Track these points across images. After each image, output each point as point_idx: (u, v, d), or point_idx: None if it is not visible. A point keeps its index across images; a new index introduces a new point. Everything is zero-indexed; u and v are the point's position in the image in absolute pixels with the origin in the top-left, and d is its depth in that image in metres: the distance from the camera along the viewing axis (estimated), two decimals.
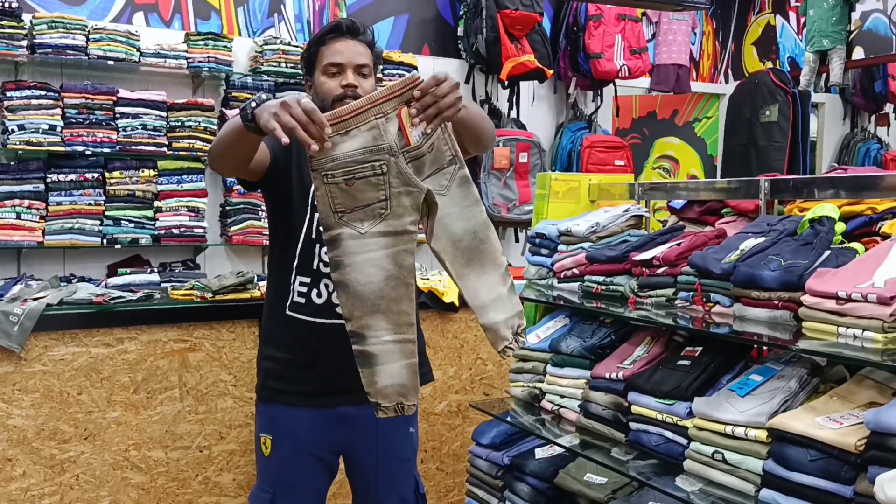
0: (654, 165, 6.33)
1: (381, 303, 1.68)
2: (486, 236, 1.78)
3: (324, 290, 2.04)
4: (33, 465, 2.66)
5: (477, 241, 1.76)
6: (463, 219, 1.75)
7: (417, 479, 2.27)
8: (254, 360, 2.98)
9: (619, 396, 2.19)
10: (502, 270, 1.80)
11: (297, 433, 2.08)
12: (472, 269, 1.76)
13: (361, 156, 1.64)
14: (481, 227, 1.77)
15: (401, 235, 1.68)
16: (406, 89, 1.64)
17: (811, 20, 5.79)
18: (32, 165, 4.09)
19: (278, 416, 2.11)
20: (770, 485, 1.72)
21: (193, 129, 4.35)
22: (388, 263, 1.67)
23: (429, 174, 1.70)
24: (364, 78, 2.03)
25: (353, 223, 1.67)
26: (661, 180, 6.05)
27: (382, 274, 1.67)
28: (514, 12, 5.06)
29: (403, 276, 1.69)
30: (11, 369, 2.63)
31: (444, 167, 1.73)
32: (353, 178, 1.63)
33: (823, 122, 7.23)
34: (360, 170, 1.64)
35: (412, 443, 2.23)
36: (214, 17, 4.76)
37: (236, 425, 2.96)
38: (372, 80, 2.06)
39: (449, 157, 1.72)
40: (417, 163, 1.68)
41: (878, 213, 2.09)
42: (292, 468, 2.12)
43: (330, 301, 2.03)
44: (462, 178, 1.75)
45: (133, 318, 2.81)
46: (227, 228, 4.55)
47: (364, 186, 1.65)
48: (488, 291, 1.77)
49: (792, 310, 1.86)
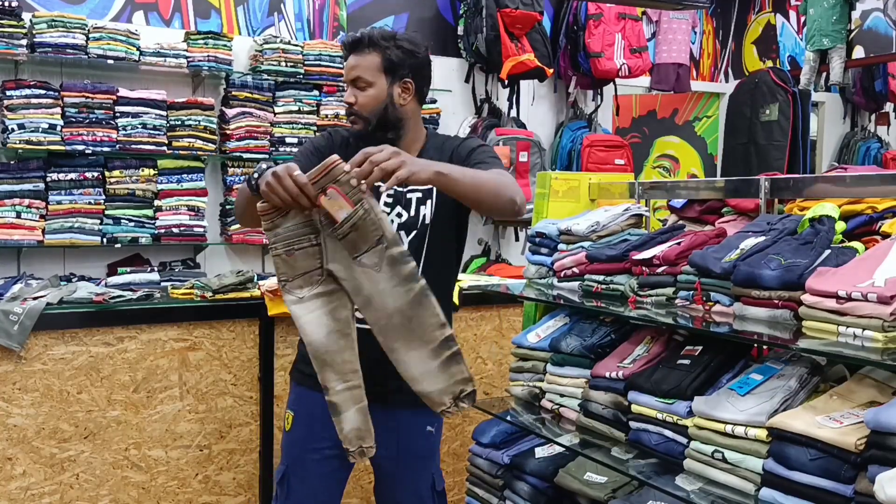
0: (655, 164, 6.33)
1: (327, 356, 1.86)
2: (416, 314, 1.87)
3: None
4: (33, 464, 2.66)
5: (405, 320, 1.86)
6: (392, 296, 1.86)
7: (435, 477, 2.30)
8: (254, 359, 2.98)
9: (619, 395, 2.19)
10: (434, 346, 1.88)
11: (314, 416, 2.15)
12: (400, 344, 1.88)
13: (298, 230, 1.83)
14: (410, 305, 1.86)
15: (334, 293, 1.86)
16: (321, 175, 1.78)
17: (811, 19, 5.78)
18: (32, 164, 4.09)
19: (301, 397, 2.24)
20: (770, 484, 1.72)
21: (193, 128, 4.35)
22: (328, 320, 1.86)
23: (364, 250, 1.84)
24: (361, 91, 2.13)
25: (293, 290, 1.86)
26: (661, 179, 6.05)
27: (324, 330, 1.86)
28: (514, 11, 5.05)
29: (342, 328, 1.87)
30: (11, 368, 2.63)
31: (374, 246, 1.84)
32: (292, 249, 1.84)
33: (823, 121, 7.23)
34: (298, 242, 1.84)
35: (431, 442, 2.27)
36: (214, 15, 4.76)
37: (236, 424, 2.96)
38: (372, 90, 2.12)
39: (376, 237, 1.84)
40: (347, 240, 1.83)
41: (879, 213, 2.09)
42: (306, 447, 2.21)
43: None
44: (391, 258, 1.85)
45: (133, 318, 2.81)
46: (226, 228, 4.55)
47: (302, 256, 1.84)
48: (417, 366, 1.88)
49: (792, 309, 1.85)
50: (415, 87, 2.17)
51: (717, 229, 2.38)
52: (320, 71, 4.69)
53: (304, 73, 4.65)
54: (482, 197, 1.99)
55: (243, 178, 4.52)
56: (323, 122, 4.68)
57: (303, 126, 4.64)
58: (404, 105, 2.15)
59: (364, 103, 2.12)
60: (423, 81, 2.20)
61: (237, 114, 4.46)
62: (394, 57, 2.12)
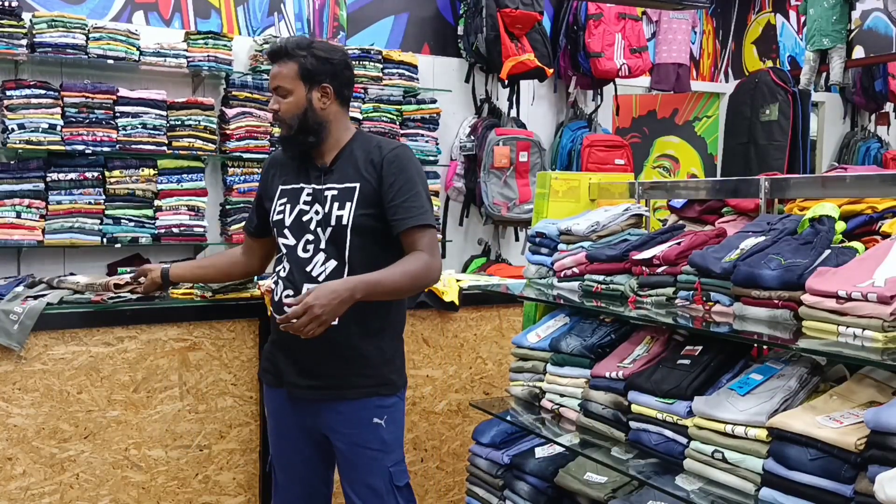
0: (655, 164, 6.33)
1: None
2: None
3: (279, 288, 2.34)
4: (33, 464, 2.66)
5: None
6: None
7: (393, 472, 2.32)
8: (254, 359, 2.98)
9: (619, 395, 2.19)
10: None
11: (273, 410, 2.46)
12: None
13: None
14: None
15: None
16: None
17: (811, 19, 5.78)
18: (32, 164, 4.09)
19: (266, 395, 2.52)
20: (770, 484, 1.72)
21: (193, 128, 4.35)
22: None
23: None
24: (283, 98, 2.30)
25: None
26: (661, 179, 6.05)
27: None
28: (514, 11, 5.05)
29: None
30: (11, 368, 2.63)
31: None
32: None
33: (823, 121, 7.22)
34: None
35: (380, 434, 2.31)
36: (214, 15, 4.75)
37: (236, 424, 2.96)
38: (291, 97, 2.29)
39: None
40: None
41: (879, 213, 2.09)
42: (278, 440, 2.46)
43: (280, 300, 2.32)
44: None
45: (133, 318, 2.81)
46: (226, 227, 4.55)
47: None
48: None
49: (792, 309, 1.86)
50: (334, 91, 2.32)
51: (717, 229, 2.38)
52: None
53: None
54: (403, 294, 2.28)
55: (245, 178, 4.53)
56: None
57: None
58: (325, 109, 2.31)
59: (286, 110, 2.29)
60: (343, 85, 2.35)
61: (237, 114, 4.46)
62: (309, 65, 2.27)
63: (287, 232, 2.33)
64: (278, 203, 2.37)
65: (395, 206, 2.23)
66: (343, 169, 2.31)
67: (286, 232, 2.33)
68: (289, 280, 2.31)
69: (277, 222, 2.36)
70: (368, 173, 2.28)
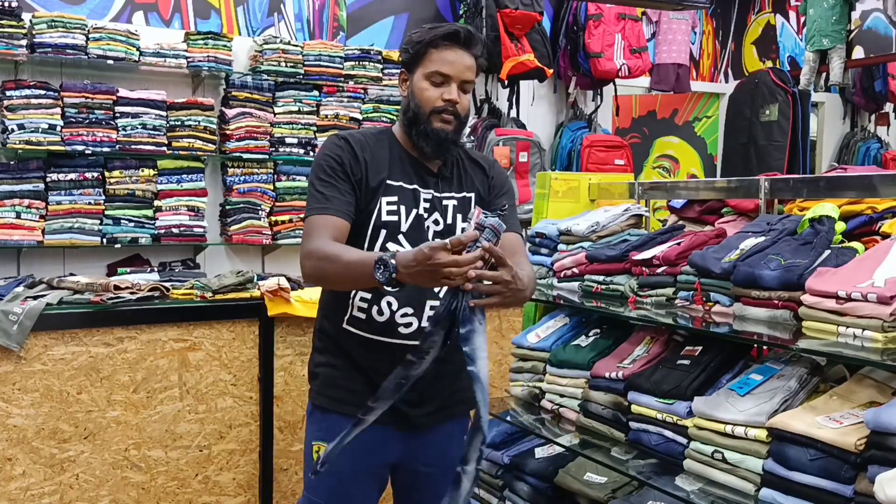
0: (654, 165, 6.33)
1: None
2: None
3: (385, 307, 1.98)
4: (33, 464, 2.66)
5: None
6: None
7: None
8: (254, 360, 2.98)
9: (618, 396, 2.19)
10: None
11: (355, 446, 1.85)
12: None
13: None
14: None
15: None
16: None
17: (811, 19, 5.78)
18: (32, 165, 4.09)
19: (337, 426, 1.93)
20: (770, 484, 1.72)
21: (193, 128, 4.35)
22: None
23: None
24: (465, 94, 2.00)
25: None
26: (660, 180, 6.05)
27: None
28: (513, 11, 5.05)
29: None
30: (11, 368, 2.63)
31: None
32: None
33: (823, 122, 7.22)
34: None
35: None
36: (214, 16, 4.75)
37: (236, 425, 2.96)
38: (470, 94, 2.03)
39: None
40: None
41: (878, 213, 2.09)
42: (346, 480, 2.03)
43: (392, 320, 1.98)
44: None
45: (133, 318, 2.81)
46: (226, 228, 4.55)
47: None
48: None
49: (792, 309, 1.86)
50: None
51: (716, 229, 2.38)
52: (320, 71, 4.68)
53: (303, 74, 4.65)
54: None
55: (245, 178, 4.52)
56: (322, 122, 4.68)
57: (302, 126, 4.63)
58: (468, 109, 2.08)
59: (465, 106, 2.00)
60: None
61: (237, 114, 4.46)
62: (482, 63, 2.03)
63: (402, 238, 1.98)
64: (386, 202, 1.99)
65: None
66: (457, 177, 2.08)
67: (400, 238, 1.98)
68: (405, 295, 1.96)
69: (388, 224, 1.99)
70: (480, 183, 2.10)
